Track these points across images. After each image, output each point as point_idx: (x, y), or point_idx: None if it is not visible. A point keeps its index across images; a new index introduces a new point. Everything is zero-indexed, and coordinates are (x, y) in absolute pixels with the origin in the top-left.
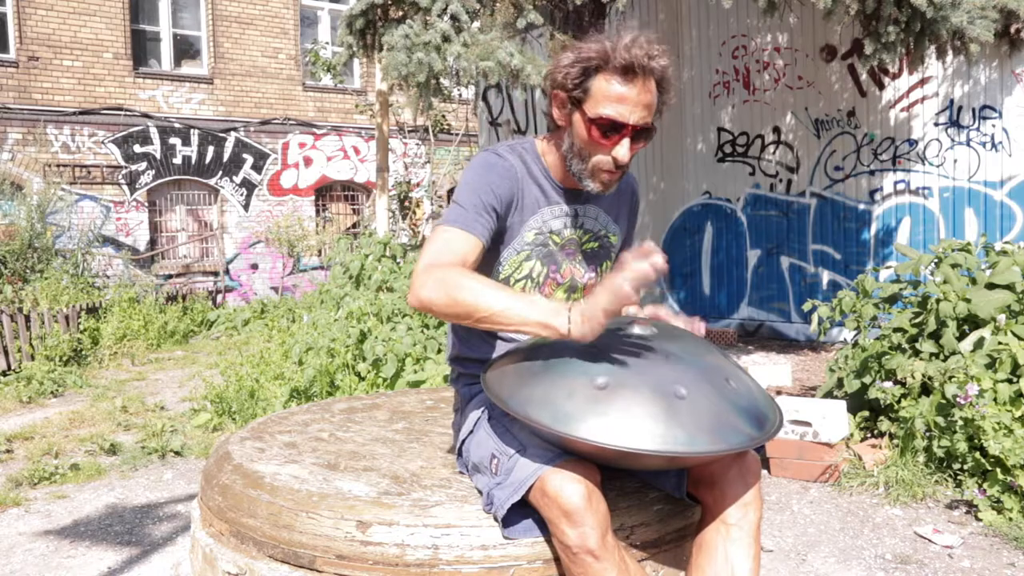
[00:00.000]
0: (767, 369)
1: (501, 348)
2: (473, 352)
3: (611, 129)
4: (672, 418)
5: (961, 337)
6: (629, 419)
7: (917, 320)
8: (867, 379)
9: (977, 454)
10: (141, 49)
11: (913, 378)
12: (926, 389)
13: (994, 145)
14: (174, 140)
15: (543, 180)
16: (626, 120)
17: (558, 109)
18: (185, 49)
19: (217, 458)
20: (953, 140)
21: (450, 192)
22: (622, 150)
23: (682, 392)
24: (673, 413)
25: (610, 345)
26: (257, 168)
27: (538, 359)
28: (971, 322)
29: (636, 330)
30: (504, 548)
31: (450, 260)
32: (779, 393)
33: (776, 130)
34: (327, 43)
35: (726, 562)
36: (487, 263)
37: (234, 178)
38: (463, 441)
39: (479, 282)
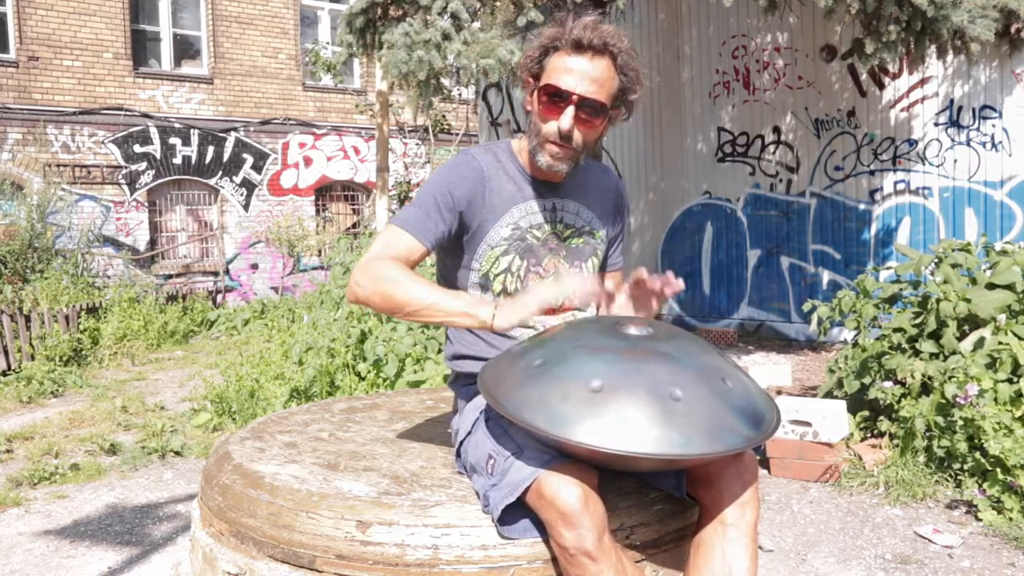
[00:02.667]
0: (767, 369)
1: (499, 347)
2: (471, 350)
3: (557, 97)
4: (668, 420)
5: (961, 337)
6: (624, 422)
7: (917, 320)
8: (867, 379)
9: (977, 454)
10: (141, 49)
11: (913, 378)
12: (926, 389)
13: (994, 145)
14: (174, 140)
15: (518, 176)
16: (571, 89)
17: (527, 93)
18: (185, 49)
19: (217, 458)
20: (953, 140)
21: None
22: (565, 119)
23: (678, 393)
24: (669, 415)
25: (605, 346)
26: (257, 168)
27: (534, 361)
28: (971, 322)
29: (631, 331)
30: (504, 548)
31: (390, 259)
32: (779, 393)
33: (776, 130)
34: (327, 43)
35: (723, 562)
36: (460, 261)
37: (234, 178)
38: (461, 442)
39: (410, 278)
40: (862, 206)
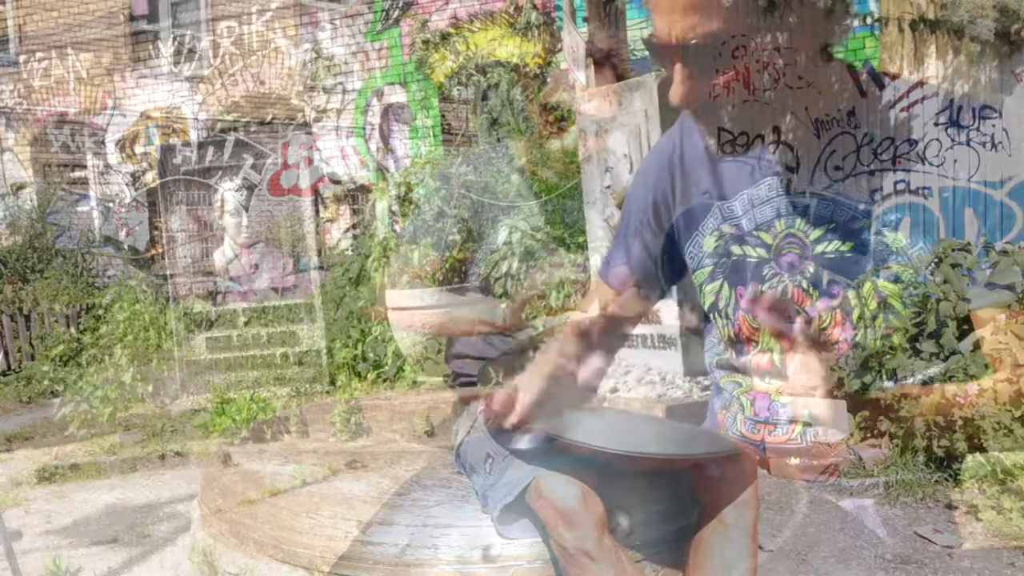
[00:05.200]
0: None
1: (499, 347)
2: (471, 350)
3: None
4: (669, 421)
5: (961, 337)
6: (627, 422)
7: (917, 320)
8: (867, 379)
9: (977, 454)
10: (141, 49)
11: (913, 378)
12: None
13: (994, 145)
14: (174, 140)
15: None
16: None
17: None
18: (185, 49)
19: (217, 458)
20: (953, 140)
21: None
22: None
23: (680, 395)
24: (670, 416)
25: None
26: (257, 168)
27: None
28: (971, 322)
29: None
30: (504, 548)
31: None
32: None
33: (776, 130)
34: (327, 43)
35: (723, 562)
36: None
37: (234, 178)
38: (461, 442)
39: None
40: (862, 206)
